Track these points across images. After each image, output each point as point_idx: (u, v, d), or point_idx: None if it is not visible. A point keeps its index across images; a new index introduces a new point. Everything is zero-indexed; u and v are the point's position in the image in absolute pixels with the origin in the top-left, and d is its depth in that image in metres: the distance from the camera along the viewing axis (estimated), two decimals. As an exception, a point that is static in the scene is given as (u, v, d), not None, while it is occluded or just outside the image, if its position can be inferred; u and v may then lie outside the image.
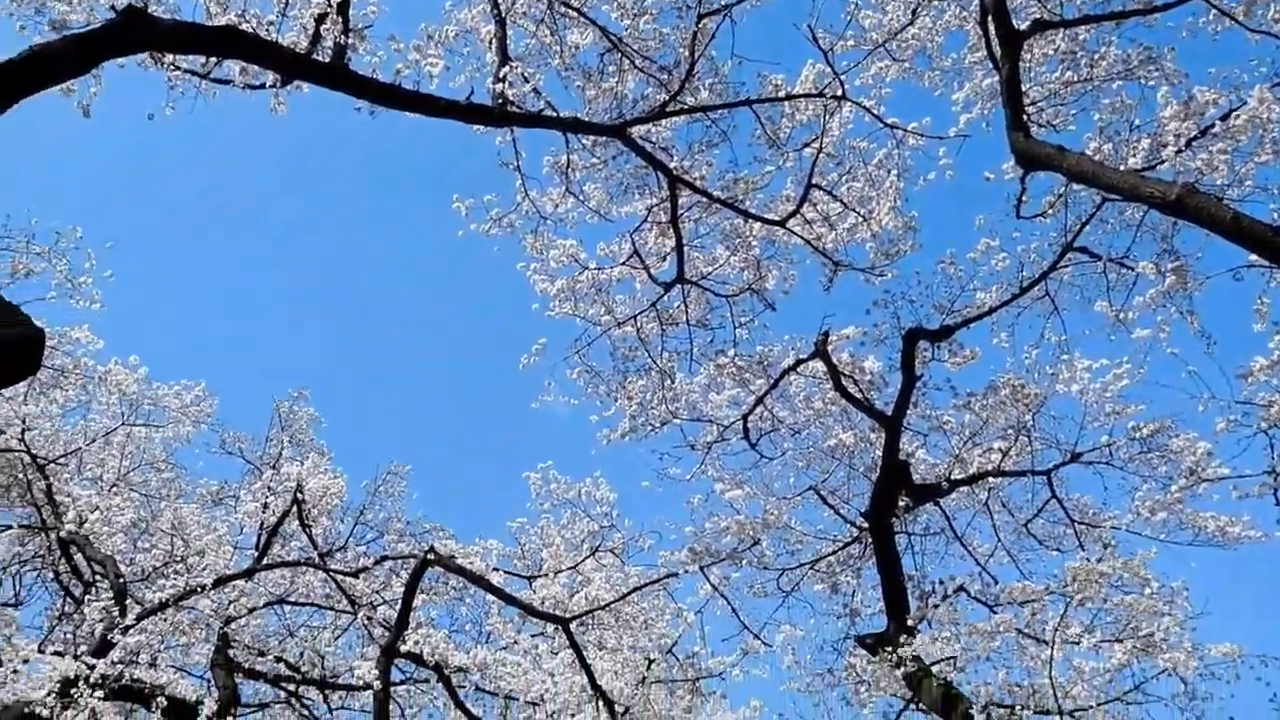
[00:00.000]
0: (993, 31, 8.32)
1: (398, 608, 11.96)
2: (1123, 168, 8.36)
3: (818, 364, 11.15)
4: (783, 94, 9.58)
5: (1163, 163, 8.38)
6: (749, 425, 11.93)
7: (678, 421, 11.91)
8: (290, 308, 38.59)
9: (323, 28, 7.44)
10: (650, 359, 11.30)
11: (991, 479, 11.69)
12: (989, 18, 8.37)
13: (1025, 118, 8.45)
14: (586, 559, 13.51)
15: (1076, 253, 10.21)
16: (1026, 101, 8.68)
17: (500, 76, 8.47)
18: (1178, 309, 9.77)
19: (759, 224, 10.33)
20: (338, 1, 7.45)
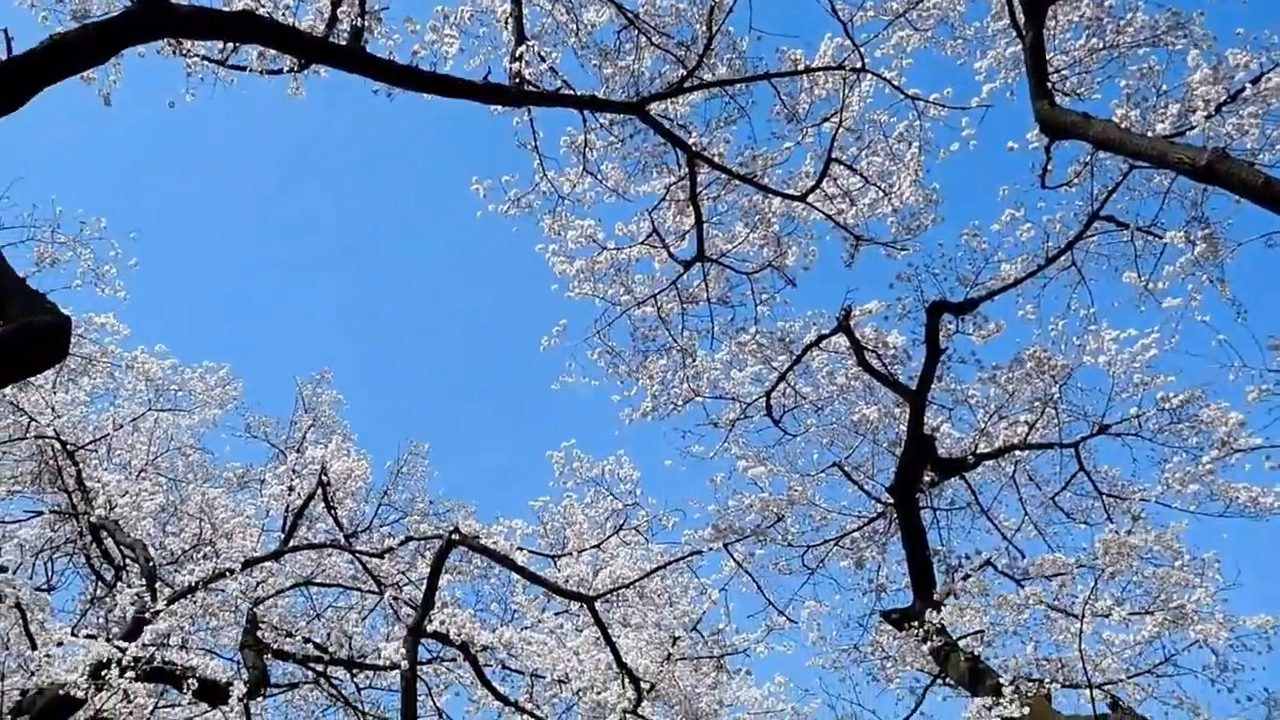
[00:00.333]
0: (1016, -1, 8.20)
1: (423, 588, 12.01)
2: (1150, 134, 8.21)
3: (840, 339, 11.09)
4: (801, 67, 9.47)
5: (1192, 128, 8.22)
6: (772, 402, 11.89)
7: (700, 400, 11.89)
8: (311, 289, 38.79)
9: (339, 10, 7.40)
10: (671, 338, 11.26)
11: (1018, 452, 11.61)
12: (1012, -15, 8.25)
13: (1049, 86, 8.34)
14: (610, 537, 13.52)
15: (1103, 222, 10.08)
16: (1051, 69, 8.57)
17: (517, 56, 8.41)
18: (1208, 277, 9.65)
19: (778, 200, 10.24)
20: (353, -16, 7.41)
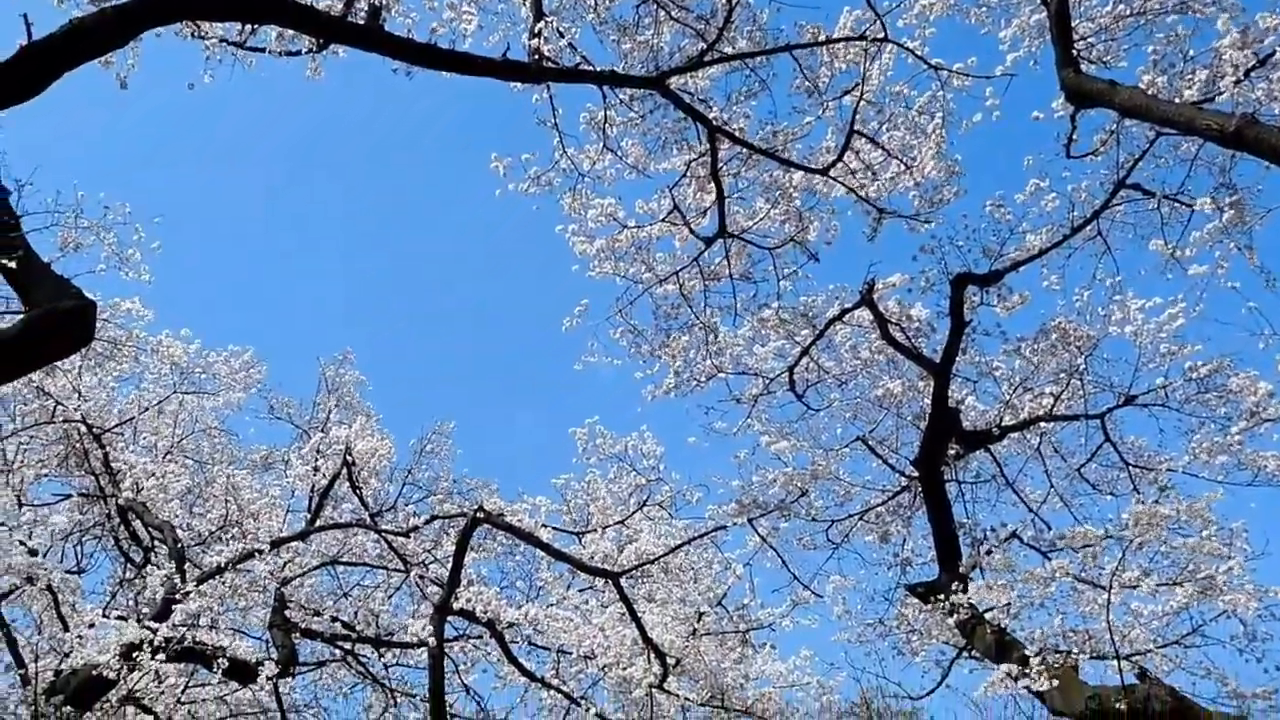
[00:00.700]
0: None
1: (449, 566, 12.09)
2: (1177, 100, 8.11)
3: (864, 313, 11.02)
4: (822, 39, 9.38)
5: (1220, 94, 8.09)
6: (795, 377, 11.84)
7: (722, 376, 11.84)
8: (328, 275, 38.93)
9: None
10: (693, 315, 11.21)
11: (1043, 424, 11.53)
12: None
13: (1075, 54, 8.25)
14: (634, 514, 13.57)
15: (1129, 190, 9.96)
16: (1076, 37, 8.46)
17: (536, 32, 8.37)
18: (1236, 244, 9.54)
19: (800, 175, 10.16)
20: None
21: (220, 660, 10.91)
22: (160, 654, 10.45)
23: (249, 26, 7.86)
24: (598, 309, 11.16)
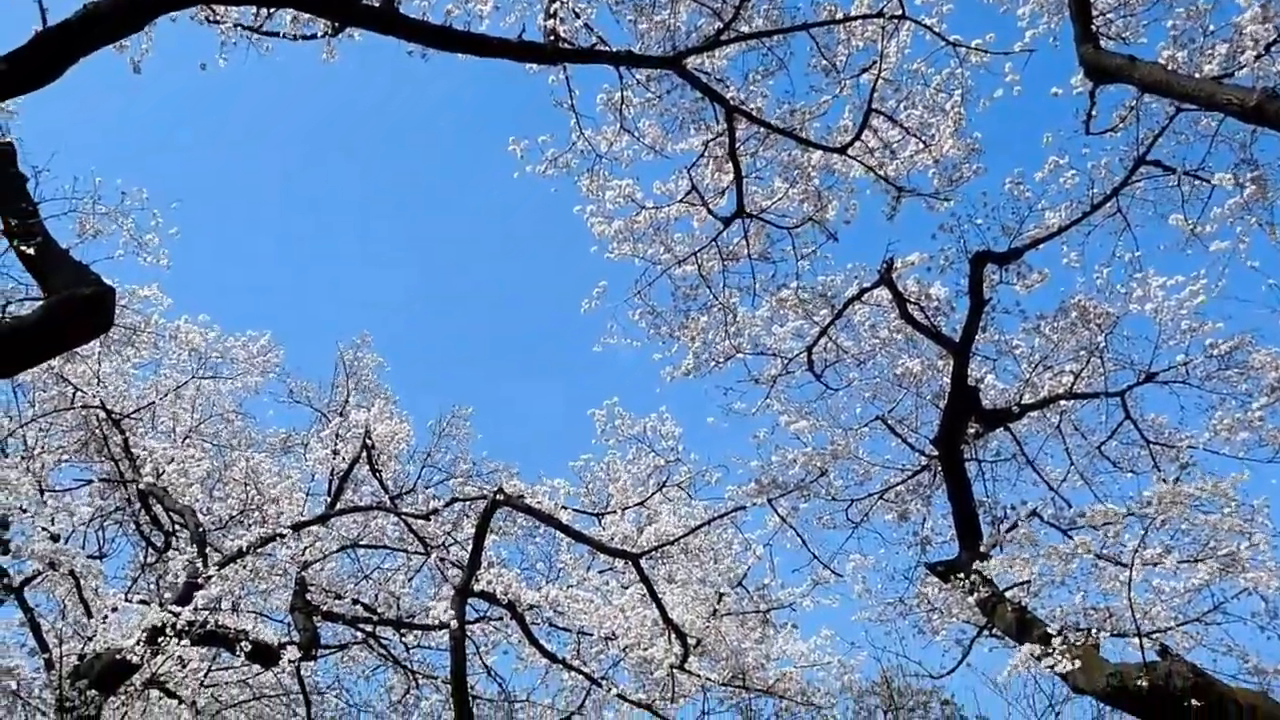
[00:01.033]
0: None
1: (469, 548, 12.13)
2: (1198, 76, 8.04)
3: (882, 292, 10.97)
4: (839, 16, 9.30)
5: (1241, 68, 8.05)
6: (813, 357, 11.80)
7: (741, 356, 11.81)
8: (344, 259, 39.00)
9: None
10: (712, 295, 11.16)
11: (1063, 402, 11.48)
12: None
13: (1094, 29, 8.17)
14: (653, 495, 13.58)
15: (1149, 166, 9.86)
16: (1095, 12, 8.38)
17: (551, 13, 8.32)
18: (1257, 220, 9.43)
19: (818, 154, 10.10)
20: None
21: (243, 643, 10.98)
22: (183, 638, 10.53)
23: (264, 10, 7.84)
24: (616, 290, 11.15)
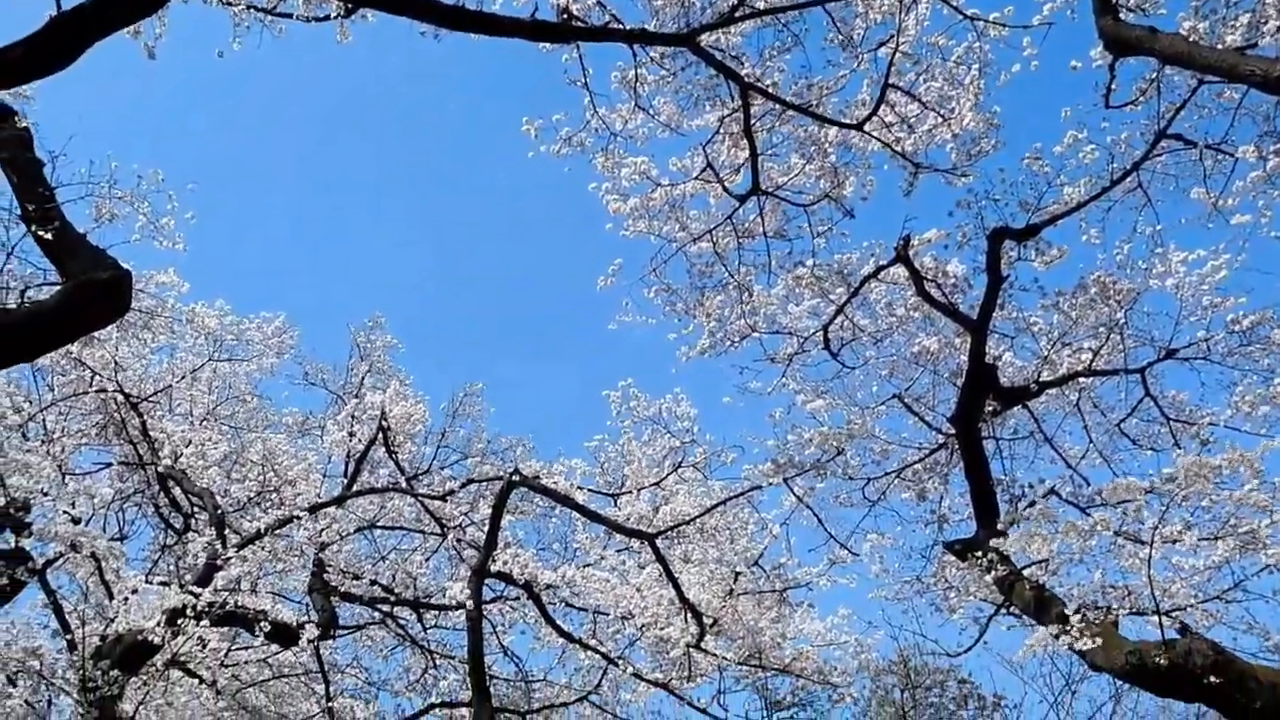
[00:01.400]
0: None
1: (485, 529, 12.17)
2: (1219, 47, 7.92)
3: (899, 270, 10.88)
4: (857, -11, 9.21)
5: (1263, 39, 7.93)
6: (830, 335, 11.74)
7: (757, 335, 11.74)
8: (358, 240, 39.02)
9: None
10: (727, 273, 11.10)
11: (1082, 379, 11.39)
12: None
13: (1113, 1, 8.07)
14: (669, 475, 13.58)
15: (1170, 140, 9.74)
16: (1115, -16, 8.27)
17: (564, -10, 8.26)
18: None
19: (834, 130, 10.00)
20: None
21: (262, 624, 11.05)
22: (203, 619, 10.60)
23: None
24: (631, 269, 11.10)
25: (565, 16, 8.31)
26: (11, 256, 8.65)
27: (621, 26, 8.75)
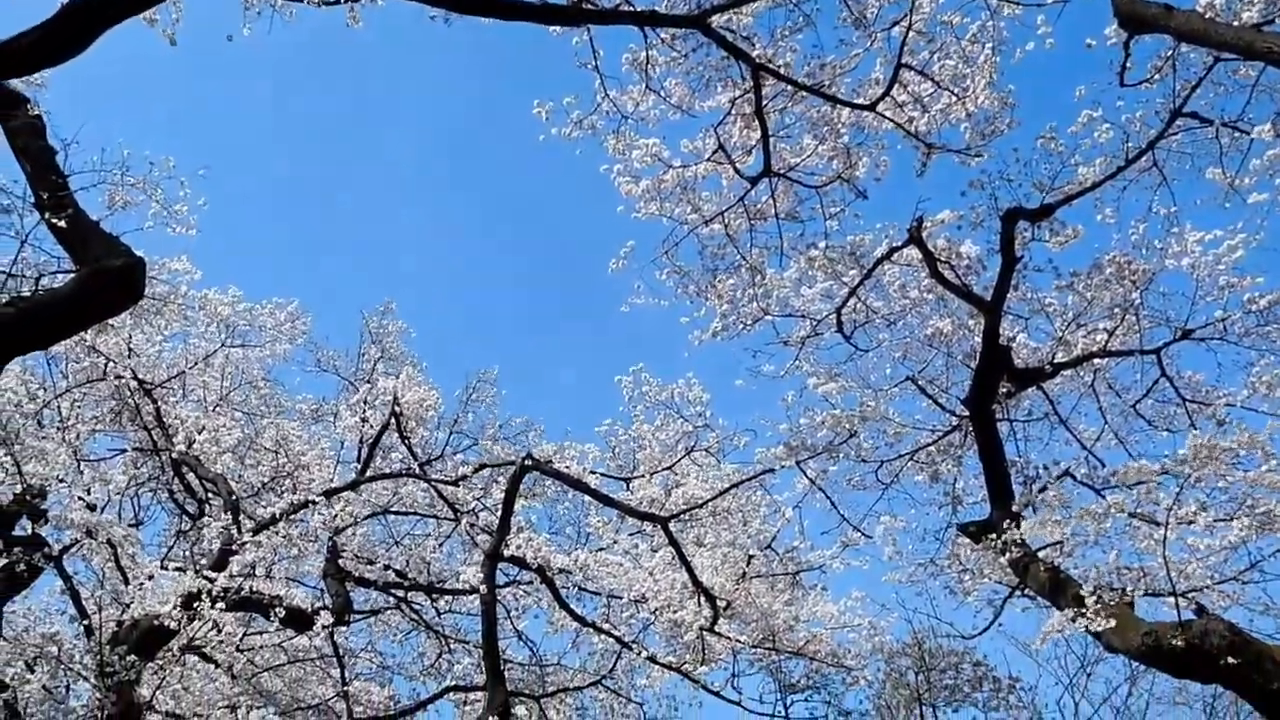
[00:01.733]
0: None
1: (498, 513, 12.18)
2: (1236, 24, 7.84)
3: (912, 251, 10.81)
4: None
5: (1281, 15, 7.86)
6: (842, 318, 11.69)
7: (769, 318, 11.69)
8: (369, 224, 39.00)
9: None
10: (739, 255, 11.05)
11: (1097, 360, 11.32)
12: None
13: (1130, -22, 7.99)
14: (682, 459, 13.57)
15: (1186, 119, 9.64)
16: (1129, -39, 8.19)
17: (575, -27, 8.21)
18: (1297, 171, 9.28)
19: (847, 110, 9.94)
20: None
21: (277, 609, 11.08)
22: (219, 604, 10.64)
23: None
24: (643, 251, 11.05)
25: (576, -1, 8.27)
26: (25, 245, 8.65)
27: (632, 8, 8.71)
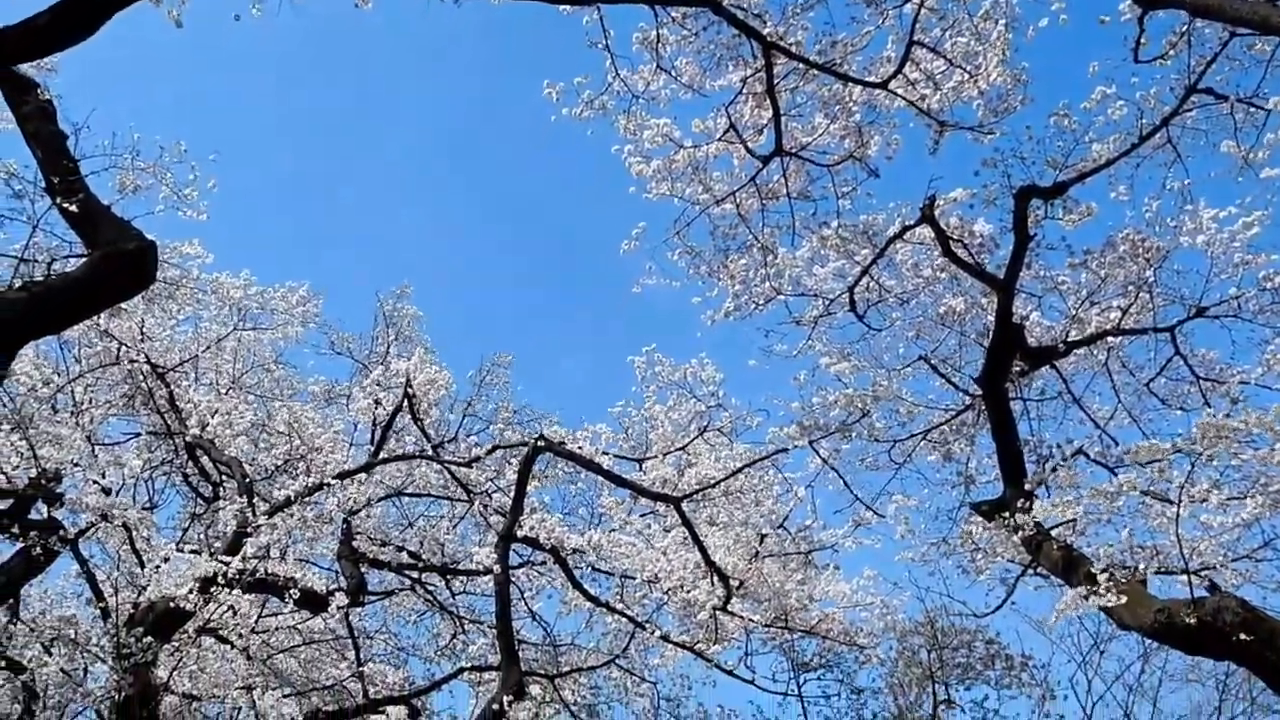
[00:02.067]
0: None
1: (512, 495, 12.20)
2: (1252, -1, 7.76)
3: (925, 230, 10.76)
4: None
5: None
6: (855, 297, 11.65)
7: (782, 298, 11.65)
8: (377, 210, 39.00)
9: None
10: (751, 235, 11.01)
11: (1111, 338, 11.28)
12: None
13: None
14: (694, 439, 13.57)
15: (1201, 95, 9.56)
16: (1145, -65, 8.12)
17: (584, -48, 8.17)
18: (1313, 147, 9.21)
19: (859, 88, 9.87)
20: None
21: (292, 590, 11.14)
22: (234, 586, 10.70)
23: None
24: (655, 232, 11.02)
25: (586, -22, 8.22)
26: (37, 229, 8.68)
27: (643, -14, 8.67)
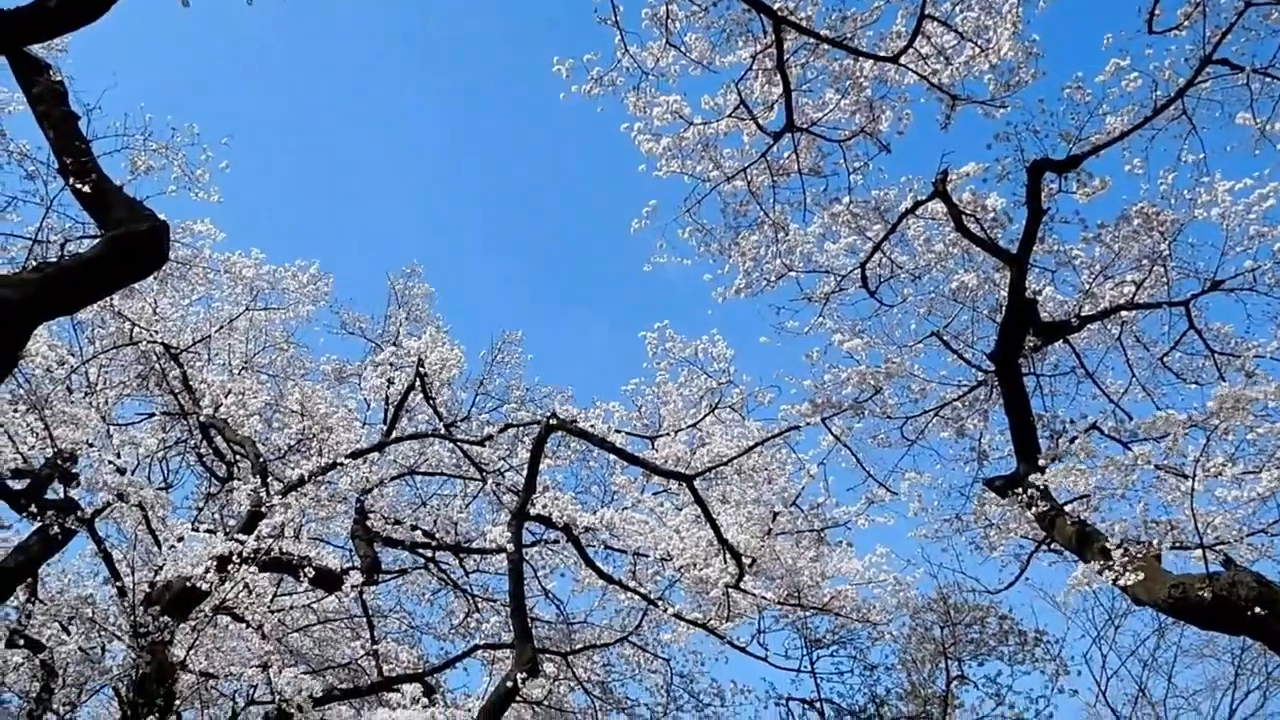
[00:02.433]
0: None
1: (524, 473, 12.23)
2: (1270, -33, 7.68)
3: (937, 205, 10.69)
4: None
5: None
6: (867, 273, 11.59)
7: (793, 274, 11.60)
8: (378, 203, 39.04)
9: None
10: (762, 212, 10.95)
11: (1124, 313, 11.21)
12: None
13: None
14: (706, 416, 13.56)
15: (1216, 66, 9.44)
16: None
17: (594, -74, 8.11)
18: (1329, 117, 9.12)
19: (870, 63, 9.78)
20: None
21: (306, 569, 11.21)
22: (249, 565, 10.77)
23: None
24: (665, 210, 10.96)
25: (594, -48, 8.16)
26: (50, 210, 8.71)
27: (652, -39, 8.60)
